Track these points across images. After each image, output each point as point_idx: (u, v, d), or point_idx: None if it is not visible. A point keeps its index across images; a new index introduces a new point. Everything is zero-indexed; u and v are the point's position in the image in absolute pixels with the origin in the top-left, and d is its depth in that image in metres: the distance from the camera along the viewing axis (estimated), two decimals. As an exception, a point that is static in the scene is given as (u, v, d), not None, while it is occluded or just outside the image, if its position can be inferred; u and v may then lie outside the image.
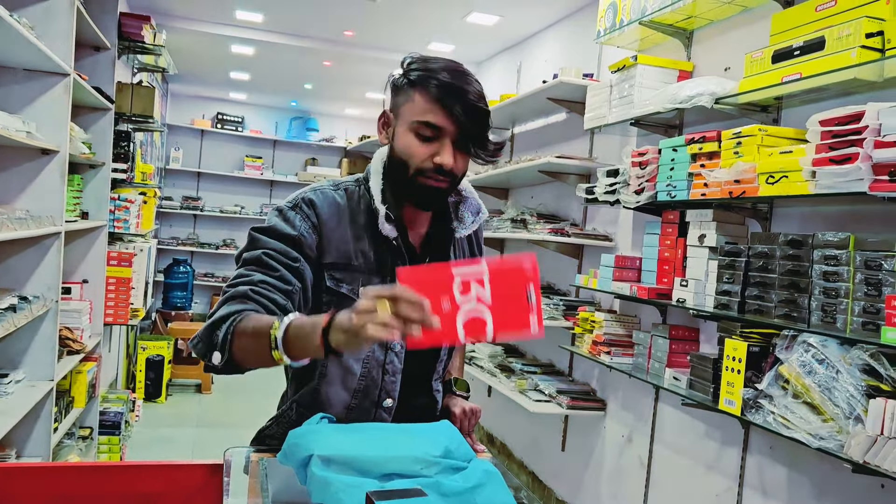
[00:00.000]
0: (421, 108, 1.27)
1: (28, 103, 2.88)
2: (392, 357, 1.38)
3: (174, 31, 5.19)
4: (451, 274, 1.02)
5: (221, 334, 1.18)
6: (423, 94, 1.27)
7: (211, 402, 5.90)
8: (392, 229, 1.34)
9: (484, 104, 1.29)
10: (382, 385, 1.38)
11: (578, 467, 3.69)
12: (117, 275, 4.08)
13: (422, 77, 1.28)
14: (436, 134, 1.27)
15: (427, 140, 1.28)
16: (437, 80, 1.26)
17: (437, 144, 1.28)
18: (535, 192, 4.36)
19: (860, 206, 2.10)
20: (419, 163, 1.28)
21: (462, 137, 1.28)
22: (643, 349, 2.91)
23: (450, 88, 1.25)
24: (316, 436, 1.20)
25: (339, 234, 1.35)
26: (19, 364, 2.89)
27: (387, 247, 1.37)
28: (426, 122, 1.27)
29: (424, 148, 1.28)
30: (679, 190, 2.56)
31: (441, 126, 1.26)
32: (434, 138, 1.28)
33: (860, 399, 1.80)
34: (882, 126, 1.75)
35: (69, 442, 3.54)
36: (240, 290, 1.24)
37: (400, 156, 1.31)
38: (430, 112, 1.26)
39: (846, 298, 1.88)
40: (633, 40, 3.20)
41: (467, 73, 1.29)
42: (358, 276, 1.35)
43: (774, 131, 2.23)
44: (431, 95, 1.26)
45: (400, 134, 1.31)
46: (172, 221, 8.67)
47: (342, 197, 1.38)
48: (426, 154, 1.28)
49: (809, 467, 2.26)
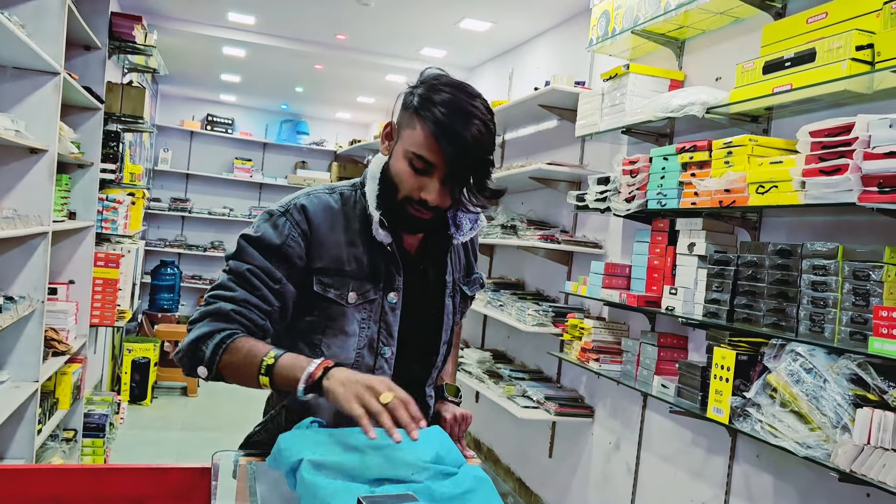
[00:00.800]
0: (418, 140, 1.25)
1: (17, 102, 2.86)
2: (382, 363, 1.37)
3: (166, 31, 5.17)
4: None
5: (208, 352, 1.24)
6: (423, 127, 1.24)
7: (197, 405, 5.86)
8: (386, 235, 1.33)
9: (482, 149, 1.25)
10: None
11: (565, 474, 3.69)
12: (104, 276, 4.05)
13: (425, 106, 1.24)
14: (427, 168, 1.26)
15: (418, 172, 1.26)
16: (437, 115, 1.22)
17: (426, 179, 1.26)
18: (525, 199, 4.37)
19: (849, 217, 2.12)
20: (407, 191, 1.28)
21: (453, 177, 1.26)
22: (632, 356, 2.91)
23: (448, 129, 1.22)
24: (306, 440, 1.19)
25: (332, 239, 1.34)
26: (4, 365, 2.85)
27: (381, 253, 1.36)
28: (420, 155, 1.25)
29: (415, 180, 1.27)
30: (669, 198, 2.57)
31: (433, 163, 1.25)
32: (425, 172, 1.26)
33: (847, 408, 1.82)
34: (872, 138, 1.77)
35: (53, 444, 3.50)
36: (223, 308, 1.27)
37: (392, 178, 1.31)
38: (424, 147, 1.24)
39: (834, 308, 1.90)
40: (625, 49, 3.23)
41: (471, 114, 1.23)
42: (348, 281, 1.34)
43: (765, 141, 2.24)
44: (429, 131, 1.23)
45: (397, 156, 1.31)
46: (160, 223, 8.61)
47: (337, 201, 1.37)
48: (415, 185, 1.27)
49: (796, 476, 2.27)
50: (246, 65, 6.47)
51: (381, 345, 1.36)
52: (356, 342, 1.35)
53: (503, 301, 3.90)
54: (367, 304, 1.34)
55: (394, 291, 1.36)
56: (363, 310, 1.35)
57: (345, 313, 1.34)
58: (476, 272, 1.58)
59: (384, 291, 1.36)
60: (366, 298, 1.34)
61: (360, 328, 1.35)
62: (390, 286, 1.36)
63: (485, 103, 1.28)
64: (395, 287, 1.36)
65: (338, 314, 1.34)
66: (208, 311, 1.28)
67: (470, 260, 1.55)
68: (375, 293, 1.35)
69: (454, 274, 1.47)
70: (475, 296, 1.62)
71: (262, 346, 1.23)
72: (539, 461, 3.95)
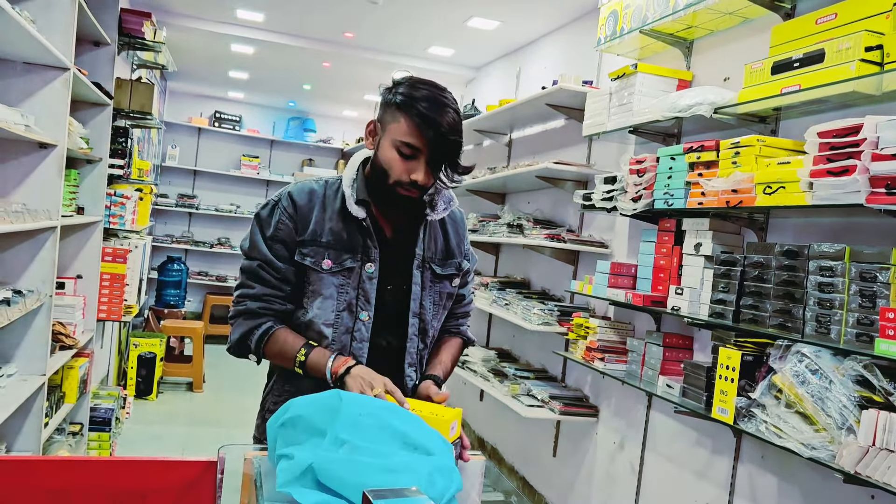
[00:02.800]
0: (404, 131, 1.47)
1: (27, 97, 2.87)
2: (360, 325, 1.55)
3: (175, 28, 5.19)
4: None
5: (253, 346, 1.55)
6: (407, 119, 1.46)
7: (202, 400, 5.88)
8: (360, 210, 1.53)
9: (456, 135, 1.48)
10: (351, 350, 1.54)
11: (569, 473, 3.69)
12: (111, 271, 4.07)
13: (407, 103, 1.47)
14: (414, 154, 1.47)
15: (406, 158, 1.48)
16: (419, 109, 1.45)
17: (414, 163, 1.48)
18: (531, 198, 4.37)
19: (856, 219, 2.12)
20: (398, 176, 1.48)
21: (435, 159, 1.48)
22: (637, 356, 2.91)
23: (430, 119, 1.45)
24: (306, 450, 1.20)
25: (312, 217, 1.55)
26: (12, 358, 2.87)
27: (358, 228, 1.55)
28: (408, 143, 1.46)
29: (404, 164, 1.48)
30: (676, 198, 2.57)
31: (419, 148, 1.46)
32: (412, 157, 1.47)
33: (853, 410, 1.81)
34: (880, 139, 1.77)
35: (59, 437, 3.52)
36: (250, 307, 1.56)
37: (382, 166, 1.50)
38: (411, 136, 1.46)
39: (840, 309, 1.89)
40: (633, 49, 3.22)
41: (446, 105, 1.47)
42: (324, 250, 1.54)
43: (772, 142, 2.24)
44: (414, 122, 1.45)
45: (384, 147, 1.50)
46: (167, 219, 8.64)
47: (321, 187, 1.59)
48: (405, 170, 1.48)
49: (800, 477, 2.27)
50: (254, 62, 6.48)
51: (360, 309, 1.55)
52: (334, 305, 1.54)
53: (508, 300, 3.90)
54: (345, 271, 1.54)
55: (371, 262, 1.56)
56: (341, 276, 1.54)
57: (321, 279, 1.54)
58: (457, 259, 1.68)
59: (362, 262, 1.55)
60: (343, 267, 1.54)
61: (339, 293, 1.54)
62: (367, 257, 1.56)
63: (452, 95, 1.52)
64: (371, 258, 1.56)
65: (315, 279, 1.54)
66: (240, 311, 1.56)
67: (450, 246, 1.67)
68: (353, 262, 1.55)
69: (426, 251, 1.62)
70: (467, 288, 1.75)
71: (293, 341, 1.53)
72: (543, 460, 3.96)
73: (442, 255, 1.65)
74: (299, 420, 1.24)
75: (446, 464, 1.21)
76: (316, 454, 1.14)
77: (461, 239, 1.70)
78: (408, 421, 1.27)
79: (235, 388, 6.12)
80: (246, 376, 5.21)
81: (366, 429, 1.21)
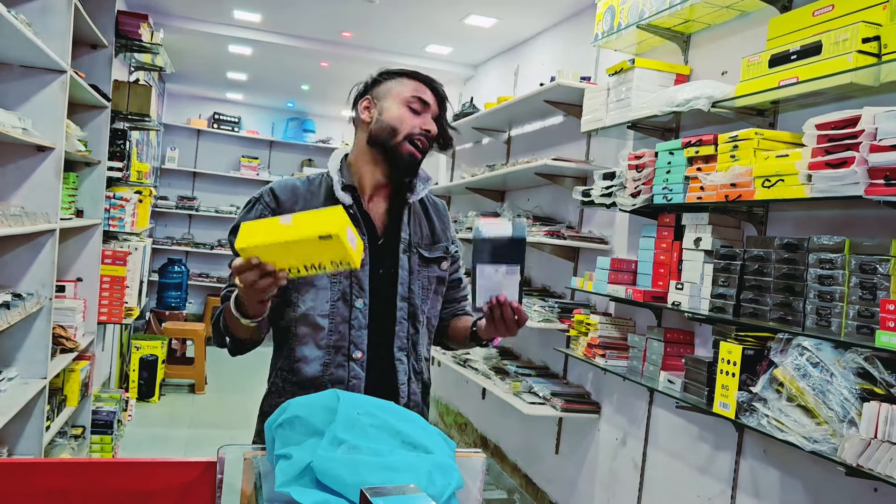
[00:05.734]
0: (413, 87, 1.60)
1: (24, 100, 2.87)
2: (356, 313, 1.56)
3: (172, 30, 5.18)
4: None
5: (220, 326, 1.54)
6: (414, 79, 1.61)
7: (204, 402, 5.88)
8: (346, 196, 1.57)
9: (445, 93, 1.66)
10: (350, 338, 1.55)
11: (572, 470, 3.69)
12: (112, 273, 4.07)
13: (410, 71, 1.63)
14: (423, 108, 1.59)
15: (416, 112, 1.58)
16: (421, 74, 1.62)
17: (424, 116, 1.59)
18: (531, 195, 4.36)
19: (856, 211, 2.11)
20: (410, 129, 1.57)
21: (438, 118, 1.61)
22: (638, 352, 2.91)
23: (432, 80, 1.63)
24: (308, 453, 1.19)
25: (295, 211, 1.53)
26: (12, 362, 2.87)
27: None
28: (419, 97, 1.59)
29: (415, 118, 1.58)
30: (675, 193, 2.56)
31: (428, 102, 1.60)
32: (421, 111, 1.59)
33: (854, 402, 1.81)
34: (878, 130, 1.76)
35: (61, 441, 3.53)
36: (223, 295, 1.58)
37: (391, 124, 1.57)
38: (421, 91, 1.60)
39: (841, 302, 1.89)
40: (631, 44, 3.21)
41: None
42: None
43: (771, 135, 2.23)
44: (421, 80, 1.61)
45: (390, 109, 1.59)
46: (168, 221, 8.65)
47: (303, 183, 1.63)
48: (418, 122, 1.58)
49: (803, 471, 2.26)
50: (252, 63, 6.48)
51: (354, 297, 1.56)
52: (328, 295, 1.56)
53: (509, 297, 3.89)
54: None
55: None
56: None
57: None
58: (444, 243, 1.70)
59: None
60: None
61: (332, 283, 1.56)
62: None
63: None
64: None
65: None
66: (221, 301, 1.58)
67: (435, 230, 1.69)
68: None
69: (412, 236, 1.65)
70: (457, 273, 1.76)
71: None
72: (545, 458, 3.95)
73: (429, 240, 1.67)
74: (297, 420, 1.23)
75: (445, 462, 1.21)
76: (314, 453, 1.14)
77: (445, 225, 1.73)
78: (406, 420, 1.27)
79: (237, 389, 6.12)
80: (248, 377, 5.21)
81: (364, 428, 1.21)
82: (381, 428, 1.22)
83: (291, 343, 1.58)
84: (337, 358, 1.56)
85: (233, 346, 1.55)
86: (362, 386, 1.56)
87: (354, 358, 1.56)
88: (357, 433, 1.19)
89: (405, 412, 1.31)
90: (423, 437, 1.24)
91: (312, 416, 1.23)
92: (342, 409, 1.22)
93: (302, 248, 1.25)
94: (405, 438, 1.22)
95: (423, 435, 1.24)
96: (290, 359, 1.59)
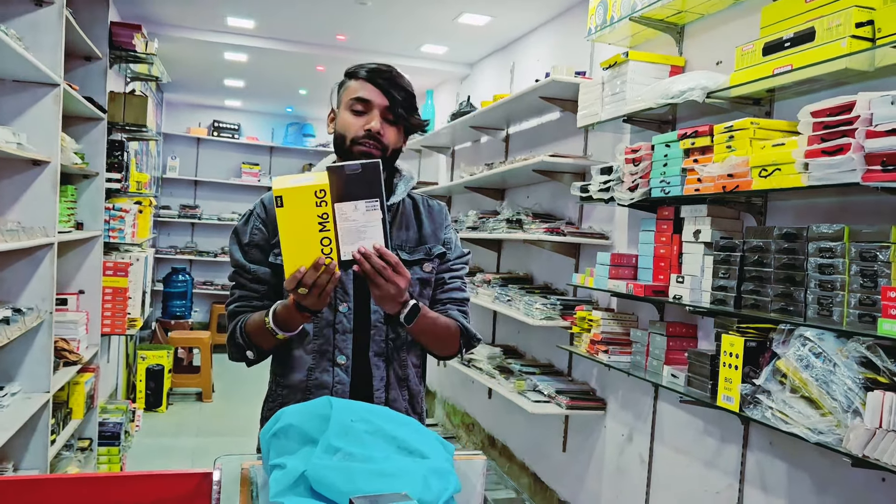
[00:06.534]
0: (354, 89, 1.55)
1: (18, 114, 2.87)
2: (341, 318, 1.55)
3: (166, 39, 5.18)
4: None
5: (241, 340, 1.56)
6: (356, 80, 1.56)
7: (212, 410, 5.89)
8: None
9: (405, 83, 1.57)
10: (335, 343, 1.55)
11: (579, 468, 3.67)
12: (113, 284, 4.07)
13: (355, 69, 1.58)
14: (367, 108, 1.54)
15: (359, 114, 1.54)
16: (365, 67, 1.56)
17: (367, 116, 1.54)
18: (530, 193, 4.35)
19: (854, 198, 2.08)
20: (354, 132, 1.53)
21: (389, 109, 1.54)
22: (641, 347, 2.89)
23: (376, 71, 1.55)
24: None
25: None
26: (15, 376, 2.87)
27: None
28: (358, 97, 1.54)
29: (357, 120, 1.54)
30: (673, 186, 2.54)
31: (370, 99, 1.53)
32: (365, 112, 1.54)
33: (858, 392, 1.78)
34: (874, 116, 1.73)
35: (68, 454, 3.53)
36: (233, 310, 1.63)
37: (340, 132, 1.56)
38: (360, 90, 1.54)
39: (842, 291, 1.86)
40: (625, 37, 3.19)
41: (391, 66, 1.58)
42: None
43: (767, 124, 2.21)
44: (362, 78, 1.55)
45: (340, 116, 1.57)
46: (170, 230, 8.66)
47: None
48: (359, 124, 1.53)
49: (810, 463, 2.24)
50: (248, 69, 6.48)
51: (339, 301, 1.56)
52: None
53: (511, 296, 3.88)
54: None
55: None
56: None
57: None
58: (428, 245, 1.65)
59: None
60: None
61: None
62: None
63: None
64: None
65: None
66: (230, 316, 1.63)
67: (423, 233, 1.65)
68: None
69: (394, 239, 1.61)
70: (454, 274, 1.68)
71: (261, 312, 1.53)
72: (553, 456, 3.93)
73: (414, 242, 1.63)
74: (291, 429, 1.22)
75: (442, 466, 1.19)
76: (308, 462, 1.13)
77: (438, 227, 1.68)
78: (401, 425, 1.25)
79: (245, 396, 6.11)
80: (255, 384, 5.20)
81: (358, 434, 1.19)
82: (375, 434, 1.21)
83: (283, 347, 1.59)
84: (322, 363, 1.56)
85: (256, 357, 1.58)
86: (347, 391, 1.55)
87: (339, 363, 1.55)
88: (351, 440, 1.18)
89: (401, 417, 1.29)
90: (420, 441, 1.22)
91: (306, 425, 1.22)
92: (335, 417, 1.21)
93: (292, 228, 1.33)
94: (401, 444, 1.21)
95: (420, 440, 1.23)
96: (281, 363, 1.61)
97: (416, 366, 1.65)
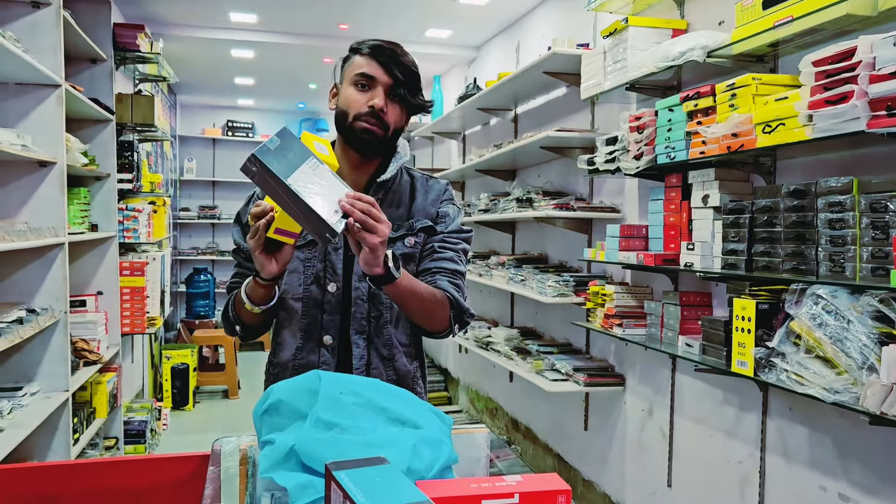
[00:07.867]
0: (358, 65, 1.52)
1: (22, 117, 2.90)
2: (329, 297, 1.54)
3: (171, 38, 5.21)
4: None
5: (231, 314, 1.57)
6: (360, 55, 1.52)
7: (238, 406, 5.94)
8: None
9: (409, 60, 1.53)
10: (322, 323, 1.54)
11: (602, 445, 3.63)
12: (131, 284, 4.11)
13: (359, 45, 1.55)
14: (370, 83, 1.50)
15: (363, 89, 1.50)
16: (370, 45, 1.52)
17: (371, 92, 1.50)
18: (541, 171, 4.29)
19: (864, 149, 2.01)
20: (357, 108, 1.50)
21: (393, 87, 1.50)
22: (655, 318, 2.83)
23: (381, 48, 1.51)
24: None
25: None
26: (34, 377, 2.91)
27: None
28: (362, 73, 1.50)
29: (362, 95, 1.50)
30: (678, 150, 2.48)
31: (374, 75, 1.50)
32: (369, 88, 1.50)
33: (873, 348, 1.72)
34: (876, 59, 1.67)
35: (93, 452, 3.57)
36: (227, 286, 1.66)
37: (342, 108, 1.53)
38: (365, 66, 1.50)
39: (853, 245, 1.80)
40: (626, 4, 3.12)
41: (393, 43, 1.54)
42: None
43: (769, 79, 2.14)
44: (366, 54, 1.51)
45: (343, 91, 1.54)
46: (191, 232, 8.74)
47: None
48: (363, 100, 1.50)
49: (829, 425, 2.18)
50: (257, 66, 6.49)
51: (328, 280, 1.54)
52: (301, 278, 1.56)
53: (524, 275, 3.84)
54: (310, 244, 1.55)
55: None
56: (306, 251, 1.56)
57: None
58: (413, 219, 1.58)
59: None
60: (307, 239, 1.54)
61: (305, 266, 1.56)
62: None
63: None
64: None
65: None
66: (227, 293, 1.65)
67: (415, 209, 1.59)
68: None
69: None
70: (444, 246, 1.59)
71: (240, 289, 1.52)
72: (575, 435, 3.89)
73: (403, 219, 1.58)
74: (281, 405, 1.21)
75: (434, 436, 1.17)
76: (297, 436, 1.11)
77: (431, 203, 1.61)
78: (392, 396, 1.23)
79: (270, 390, 6.16)
80: (276, 378, 5.22)
81: (347, 407, 1.18)
82: (364, 406, 1.19)
83: (274, 328, 1.62)
84: (309, 343, 1.56)
85: (243, 332, 1.59)
86: (332, 371, 1.53)
87: (325, 343, 1.55)
88: (340, 412, 1.17)
89: (393, 389, 1.27)
90: (412, 412, 1.20)
91: (295, 400, 1.20)
92: (324, 390, 1.19)
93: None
94: (391, 415, 1.19)
95: (412, 411, 1.21)
96: (274, 343, 1.63)
97: (405, 345, 1.59)
